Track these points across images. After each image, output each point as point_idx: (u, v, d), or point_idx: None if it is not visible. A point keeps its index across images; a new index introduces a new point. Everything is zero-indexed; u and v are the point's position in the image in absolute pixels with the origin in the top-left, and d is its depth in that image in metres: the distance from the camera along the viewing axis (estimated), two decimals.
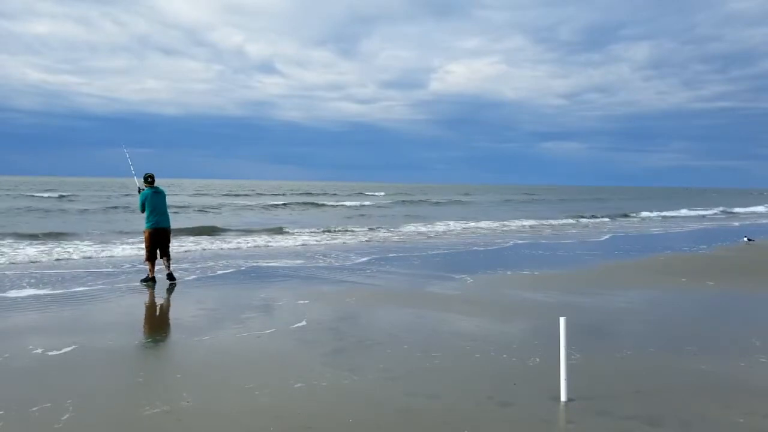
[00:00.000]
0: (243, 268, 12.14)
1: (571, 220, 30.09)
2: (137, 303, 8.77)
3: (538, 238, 20.08)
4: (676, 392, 4.98)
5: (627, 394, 4.92)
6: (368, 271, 12.04)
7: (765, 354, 6.15)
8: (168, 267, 10.40)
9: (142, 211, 10.40)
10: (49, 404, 4.60)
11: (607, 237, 21.04)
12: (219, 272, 11.63)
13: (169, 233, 10.63)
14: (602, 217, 33.38)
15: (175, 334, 7.04)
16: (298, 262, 13.26)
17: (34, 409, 4.51)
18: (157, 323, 7.72)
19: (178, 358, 6.10)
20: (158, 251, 10.34)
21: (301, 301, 8.81)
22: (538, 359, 5.88)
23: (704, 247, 17.60)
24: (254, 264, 12.78)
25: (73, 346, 6.24)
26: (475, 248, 16.90)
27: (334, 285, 10.30)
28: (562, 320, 4.85)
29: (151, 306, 8.67)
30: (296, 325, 7.28)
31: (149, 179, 10.48)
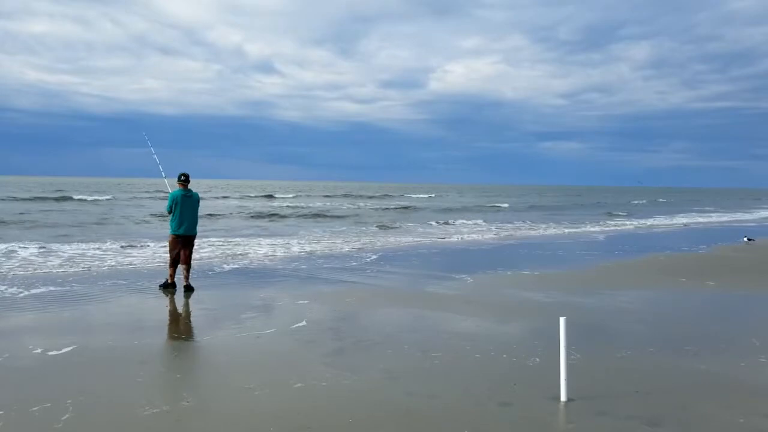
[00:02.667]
0: (241, 267, 12.15)
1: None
2: (137, 303, 8.76)
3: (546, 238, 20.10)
4: (676, 392, 4.98)
5: (627, 394, 4.92)
6: (368, 271, 12.04)
7: (765, 354, 6.15)
8: (186, 277, 9.69)
9: (170, 212, 9.72)
10: (49, 404, 4.60)
11: (606, 237, 21.03)
12: (217, 271, 11.64)
13: (194, 240, 9.97)
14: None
15: (175, 334, 7.04)
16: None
17: (34, 409, 4.51)
18: (157, 323, 7.71)
19: (178, 358, 6.10)
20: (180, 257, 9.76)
21: (301, 301, 8.81)
22: (538, 359, 5.88)
23: (704, 247, 17.60)
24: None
25: (73, 346, 6.24)
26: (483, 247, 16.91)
27: (334, 285, 10.30)
28: (562, 320, 4.85)
29: (151, 306, 8.66)
30: (296, 325, 7.28)
31: (182, 178, 9.75)
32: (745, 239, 19.24)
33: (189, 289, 9.55)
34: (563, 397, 4.73)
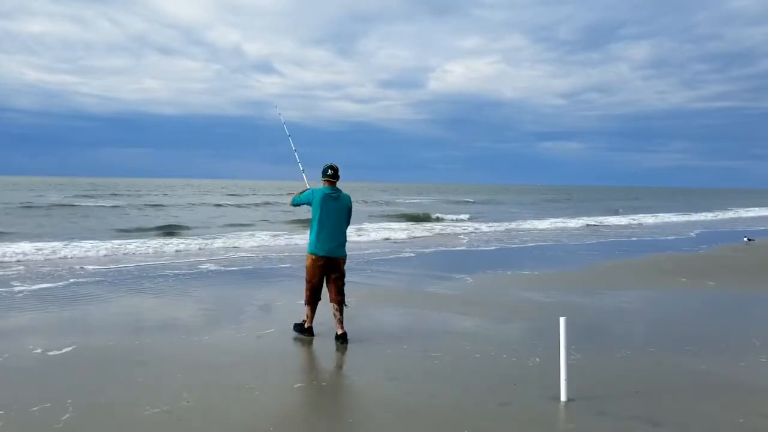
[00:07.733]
0: (245, 267, 12.14)
1: None
2: (137, 303, 8.76)
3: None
4: (676, 392, 4.98)
5: (627, 394, 4.92)
6: (368, 271, 12.03)
7: (765, 354, 6.15)
8: (339, 320, 6.69)
9: (295, 204, 6.97)
10: (49, 404, 4.60)
11: (606, 237, 21.04)
12: (214, 270, 11.63)
13: (342, 265, 6.99)
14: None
15: (175, 334, 7.03)
16: None
17: (34, 409, 4.51)
18: (157, 323, 7.71)
19: (178, 358, 6.09)
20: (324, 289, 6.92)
21: (301, 301, 8.79)
22: (538, 359, 5.88)
23: (704, 247, 17.60)
24: None
25: (73, 346, 6.25)
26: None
27: None
28: (562, 320, 4.85)
29: (150, 306, 8.66)
30: None
31: (329, 173, 6.69)
32: (745, 239, 19.24)
33: (343, 339, 6.60)
34: (563, 397, 4.73)
